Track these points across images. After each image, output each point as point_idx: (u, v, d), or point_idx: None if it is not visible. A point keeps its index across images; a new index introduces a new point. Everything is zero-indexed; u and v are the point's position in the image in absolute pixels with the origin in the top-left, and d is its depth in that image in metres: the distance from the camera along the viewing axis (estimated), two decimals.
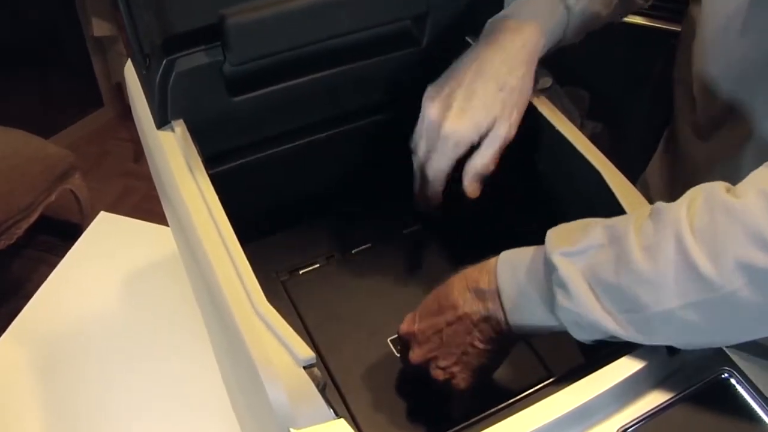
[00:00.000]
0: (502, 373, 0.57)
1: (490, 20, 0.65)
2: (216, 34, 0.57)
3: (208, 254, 0.50)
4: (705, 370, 0.52)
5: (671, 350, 0.51)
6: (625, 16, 0.77)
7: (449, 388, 0.56)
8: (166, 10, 0.55)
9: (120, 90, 2.60)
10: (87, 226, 1.02)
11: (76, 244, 0.99)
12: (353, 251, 0.74)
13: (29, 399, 0.80)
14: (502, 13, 0.65)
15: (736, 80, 0.69)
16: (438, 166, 0.62)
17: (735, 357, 0.52)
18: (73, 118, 2.54)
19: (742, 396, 0.51)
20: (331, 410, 0.43)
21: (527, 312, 0.50)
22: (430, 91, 0.63)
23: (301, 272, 0.72)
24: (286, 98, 0.65)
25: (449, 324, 0.54)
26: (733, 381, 0.52)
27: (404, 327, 0.58)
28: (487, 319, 0.52)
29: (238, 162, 0.66)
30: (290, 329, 0.45)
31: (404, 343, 0.59)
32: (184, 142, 0.58)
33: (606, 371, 0.50)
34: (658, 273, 0.43)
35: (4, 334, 0.87)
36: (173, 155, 0.57)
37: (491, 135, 0.61)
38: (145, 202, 2.29)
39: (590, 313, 0.46)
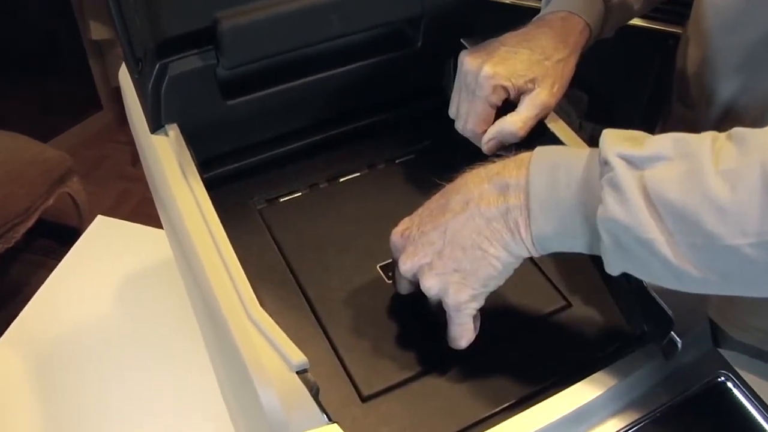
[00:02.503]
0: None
1: (536, 16, 0.65)
2: (209, 38, 0.57)
3: (201, 259, 0.50)
4: (702, 374, 0.52)
5: (667, 354, 0.51)
6: (649, 10, 0.76)
7: (441, 311, 0.50)
8: (158, 14, 0.55)
9: (118, 94, 2.58)
10: (85, 230, 1.01)
11: (74, 247, 0.99)
12: (340, 180, 0.68)
13: (27, 402, 0.80)
14: (546, 9, 0.65)
15: (734, 79, 0.68)
16: (475, 110, 0.59)
17: (731, 360, 0.52)
18: (72, 122, 2.54)
19: (739, 399, 0.51)
20: (324, 415, 0.43)
21: (556, 218, 0.44)
22: (468, 50, 0.61)
23: (281, 200, 0.66)
24: (281, 101, 0.65)
25: (455, 218, 0.47)
26: (729, 384, 0.51)
27: (399, 228, 0.52)
28: (503, 216, 0.45)
29: (232, 166, 0.66)
30: (283, 334, 0.45)
31: (398, 255, 0.51)
32: (178, 146, 0.57)
33: (602, 375, 0.50)
34: (735, 203, 0.37)
35: (2, 338, 0.87)
36: (167, 160, 0.57)
37: (531, 96, 0.58)
38: (143, 206, 2.29)
39: (642, 228, 0.39)
